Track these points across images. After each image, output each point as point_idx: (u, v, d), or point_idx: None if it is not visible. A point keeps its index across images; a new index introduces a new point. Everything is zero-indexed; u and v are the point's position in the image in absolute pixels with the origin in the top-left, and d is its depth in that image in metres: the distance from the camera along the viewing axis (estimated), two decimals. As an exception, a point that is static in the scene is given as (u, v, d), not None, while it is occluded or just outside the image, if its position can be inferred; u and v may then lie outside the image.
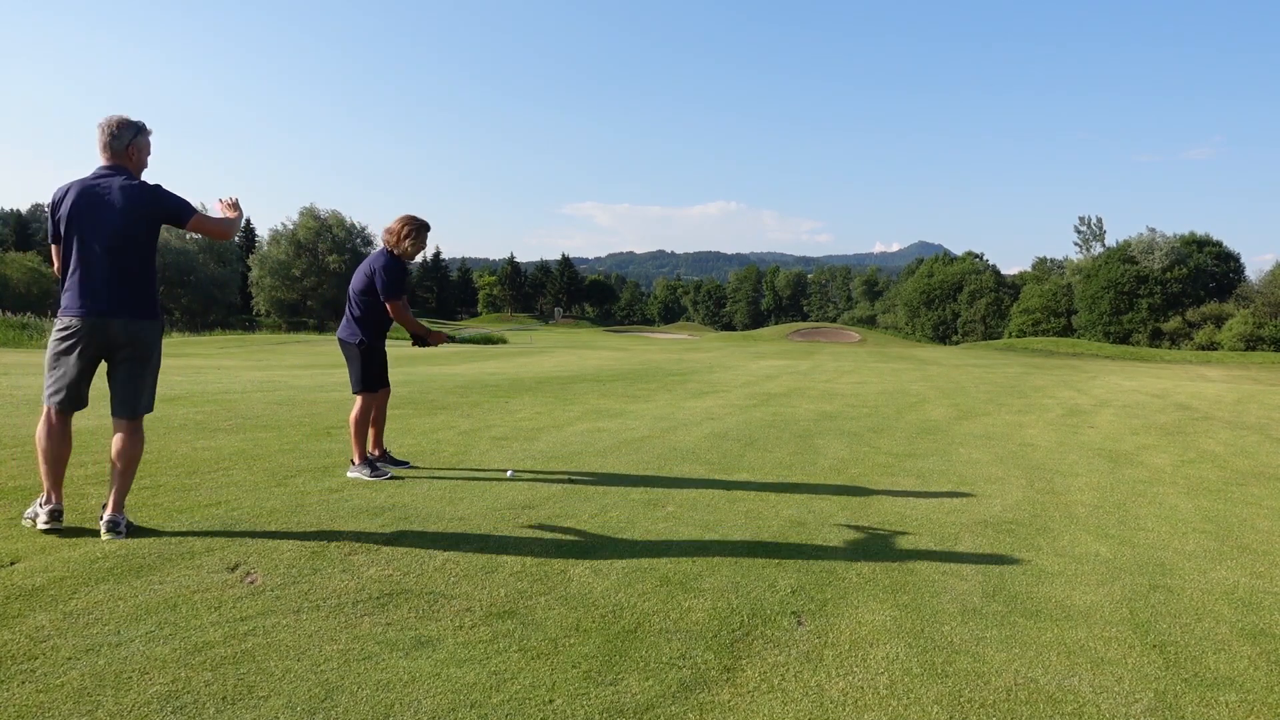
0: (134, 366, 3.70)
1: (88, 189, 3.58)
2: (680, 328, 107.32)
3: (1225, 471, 6.42)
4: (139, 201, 3.62)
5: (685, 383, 13.12)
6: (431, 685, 2.38)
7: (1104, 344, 50.74)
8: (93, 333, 3.57)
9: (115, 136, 3.65)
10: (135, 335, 3.64)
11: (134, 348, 3.66)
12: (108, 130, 3.65)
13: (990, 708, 2.40)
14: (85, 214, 3.55)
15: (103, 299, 3.55)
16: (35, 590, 2.93)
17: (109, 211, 3.55)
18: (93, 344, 3.60)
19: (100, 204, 3.56)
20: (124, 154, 3.68)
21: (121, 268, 3.59)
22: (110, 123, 3.66)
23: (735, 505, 4.66)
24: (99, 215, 3.55)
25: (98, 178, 3.62)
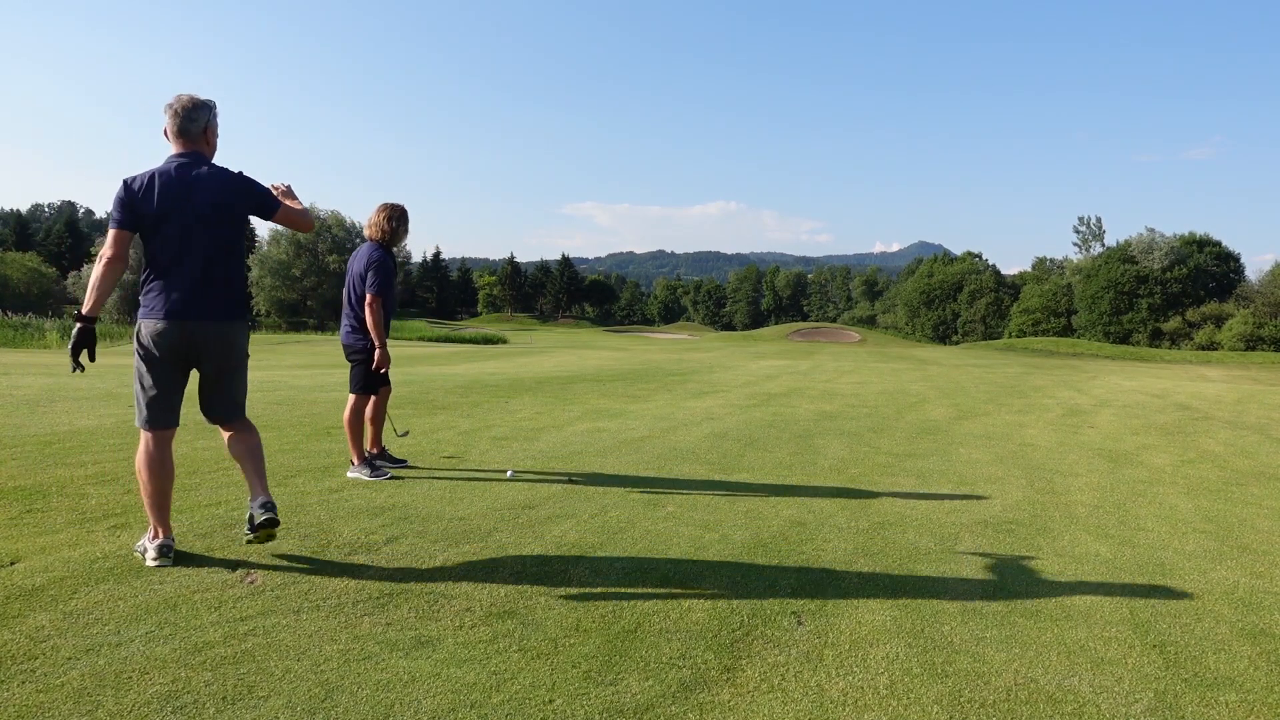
0: (228, 371, 3.35)
1: (175, 180, 3.18)
2: (680, 328, 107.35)
3: (1225, 471, 6.42)
4: (230, 192, 3.28)
5: (685, 383, 13.12)
6: (431, 685, 2.38)
7: (1104, 344, 50.75)
8: (183, 337, 3.20)
9: (191, 119, 3.25)
10: (227, 338, 3.30)
11: (226, 352, 3.31)
12: (182, 113, 3.24)
13: (990, 708, 2.40)
14: (175, 208, 3.16)
15: (194, 300, 3.20)
16: (35, 590, 2.93)
17: (200, 204, 3.19)
18: (178, 349, 3.22)
19: (191, 196, 3.18)
20: (202, 138, 3.30)
21: (213, 265, 3.24)
22: (183, 104, 3.25)
23: (735, 505, 4.66)
24: (190, 209, 3.18)
25: (182, 167, 3.21)
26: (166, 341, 3.19)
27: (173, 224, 3.17)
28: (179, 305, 3.19)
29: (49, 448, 5.39)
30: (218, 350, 3.30)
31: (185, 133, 3.25)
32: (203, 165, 3.26)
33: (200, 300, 3.22)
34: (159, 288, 3.20)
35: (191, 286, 3.20)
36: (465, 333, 53.81)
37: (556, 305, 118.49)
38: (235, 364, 3.37)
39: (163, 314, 3.18)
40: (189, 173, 3.21)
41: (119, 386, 9.56)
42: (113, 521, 3.78)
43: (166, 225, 3.17)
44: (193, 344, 3.23)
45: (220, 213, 3.25)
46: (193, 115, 3.25)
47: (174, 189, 3.17)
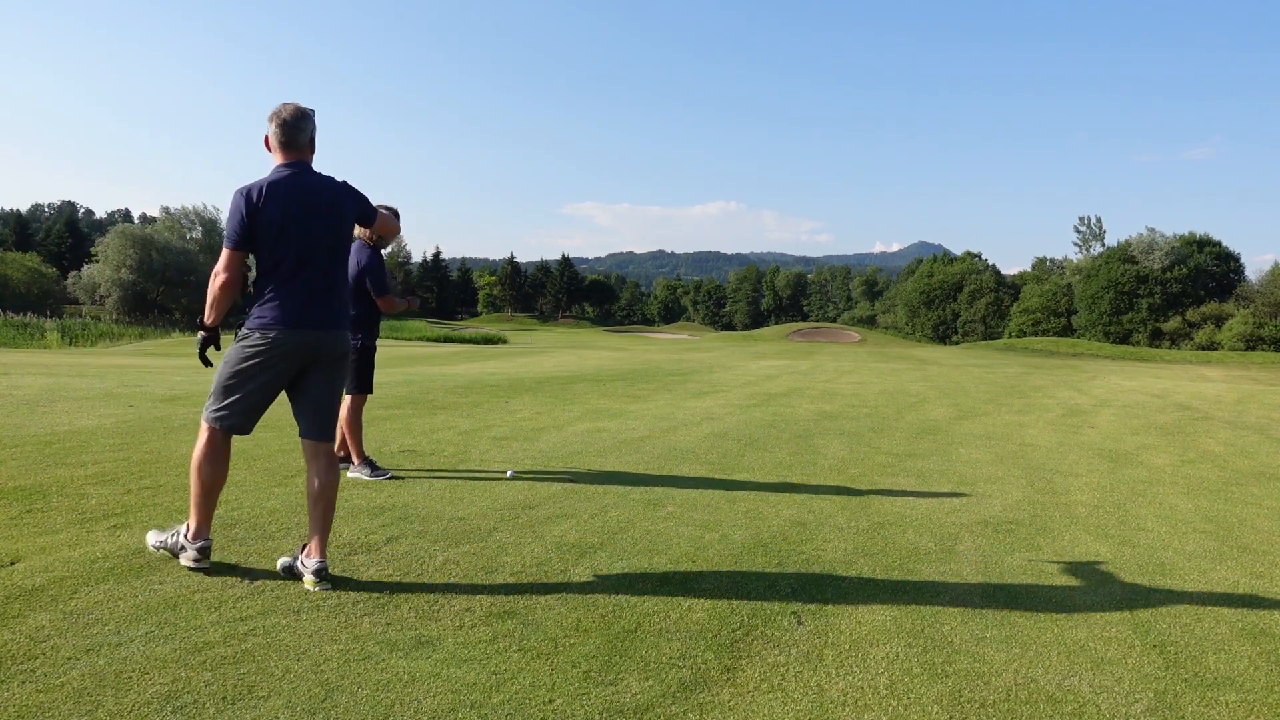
0: (333, 381, 3.30)
1: (292, 189, 3.13)
2: (680, 328, 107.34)
3: (1225, 471, 6.42)
4: (344, 202, 3.26)
5: (685, 383, 13.12)
6: (431, 685, 2.38)
7: (1104, 344, 50.75)
8: (296, 347, 3.14)
9: (299, 129, 3.18)
10: (336, 347, 3.26)
11: (334, 361, 3.28)
12: (292, 122, 3.16)
13: (990, 708, 2.40)
14: (294, 217, 3.10)
15: (313, 309, 3.16)
16: (35, 590, 2.92)
17: (320, 214, 3.16)
18: (293, 360, 3.17)
19: (312, 206, 3.15)
20: (308, 147, 3.23)
21: (329, 274, 3.22)
22: (291, 113, 3.17)
23: (735, 505, 4.66)
24: (312, 219, 3.14)
25: (295, 176, 3.16)
26: (283, 351, 3.13)
27: (292, 234, 3.11)
28: (300, 315, 3.14)
29: (49, 448, 5.39)
30: (329, 360, 3.26)
31: (294, 143, 3.19)
32: (313, 174, 3.23)
33: (320, 309, 3.19)
34: (279, 297, 3.13)
35: (311, 296, 3.16)
36: (465, 333, 53.82)
37: (556, 305, 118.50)
38: (340, 374, 3.34)
39: (285, 324, 3.11)
40: (304, 181, 3.18)
41: (119, 386, 9.56)
42: (113, 521, 3.78)
43: (286, 235, 3.11)
44: (310, 354, 3.19)
45: (333, 221, 3.23)
46: (300, 125, 3.19)
47: (292, 198, 3.12)
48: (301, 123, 3.20)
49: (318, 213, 3.17)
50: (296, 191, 3.14)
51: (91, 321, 43.97)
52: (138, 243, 59.37)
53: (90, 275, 59.93)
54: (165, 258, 59.91)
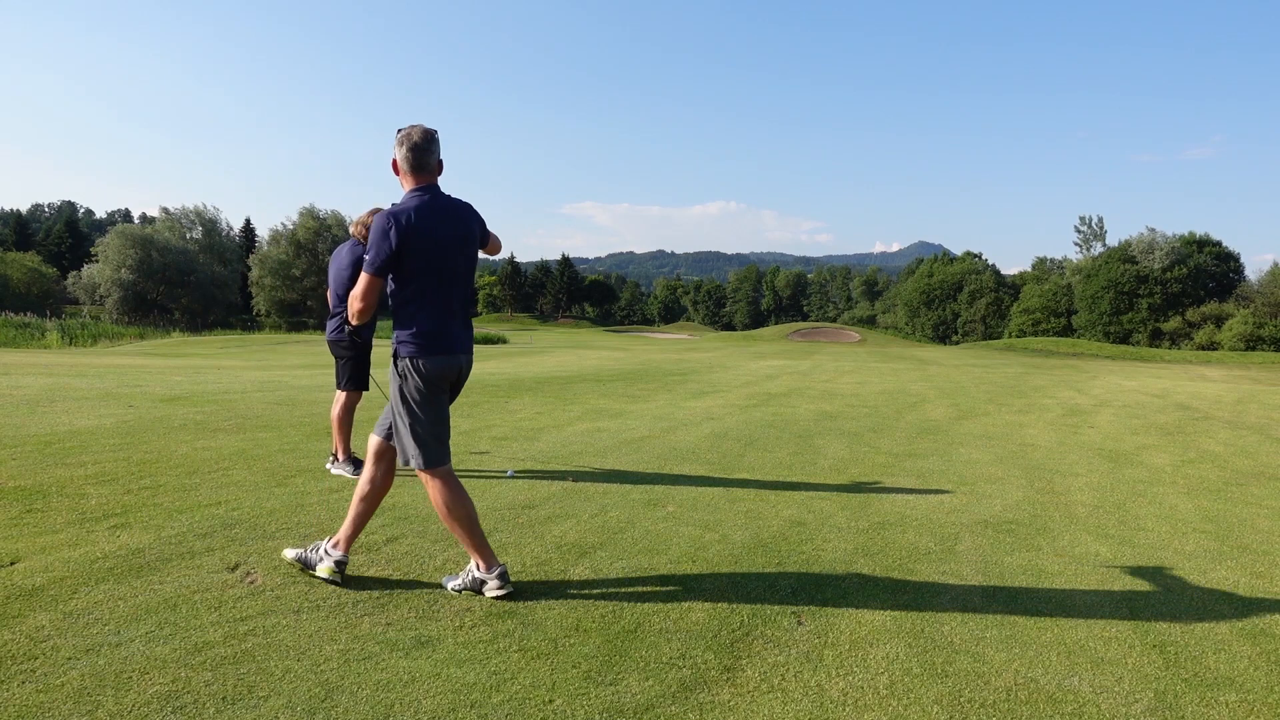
0: (454, 398, 3.33)
1: (438, 216, 3.10)
2: (680, 328, 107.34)
3: (1225, 471, 6.42)
4: (478, 226, 3.27)
5: (685, 383, 13.12)
6: (431, 685, 2.38)
7: (1104, 344, 50.74)
8: (450, 371, 3.17)
9: (429, 152, 3.13)
10: (469, 368, 3.30)
11: (463, 382, 3.33)
12: (423, 145, 3.11)
13: (990, 708, 2.40)
14: (442, 244, 3.09)
15: (459, 334, 3.20)
16: (35, 590, 2.93)
17: (459, 239, 3.15)
18: (447, 382, 3.20)
19: (457, 233, 3.14)
20: (437, 170, 3.19)
21: (467, 299, 3.24)
22: (422, 136, 3.12)
23: (735, 505, 4.66)
24: (451, 245, 3.13)
25: (435, 200, 3.13)
26: (442, 376, 3.14)
27: (436, 260, 3.09)
28: (451, 340, 3.15)
29: (49, 448, 5.39)
30: (460, 381, 3.29)
31: (425, 166, 3.14)
32: (447, 198, 3.19)
33: (464, 333, 3.23)
34: (429, 323, 3.11)
35: (455, 320, 3.18)
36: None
37: (556, 305, 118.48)
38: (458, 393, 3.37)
39: (440, 349, 3.11)
40: (442, 205, 3.14)
41: (119, 386, 9.56)
42: (113, 521, 3.78)
43: (431, 262, 3.08)
44: (455, 377, 3.23)
45: (470, 245, 3.23)
46: (430, 148, 3.14)
47: (436, 224, 3.09)
48: (432, 146, 3.15)
49: (457, 238, 3.15)
50: (439, 217, 3.11)
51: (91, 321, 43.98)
52: (138, 243, 59.40)
53: (90, 275, 59.96)
54: (165, 258, 59.92)
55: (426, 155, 3.13)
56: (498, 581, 3.11)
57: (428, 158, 3.13)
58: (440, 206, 3.13)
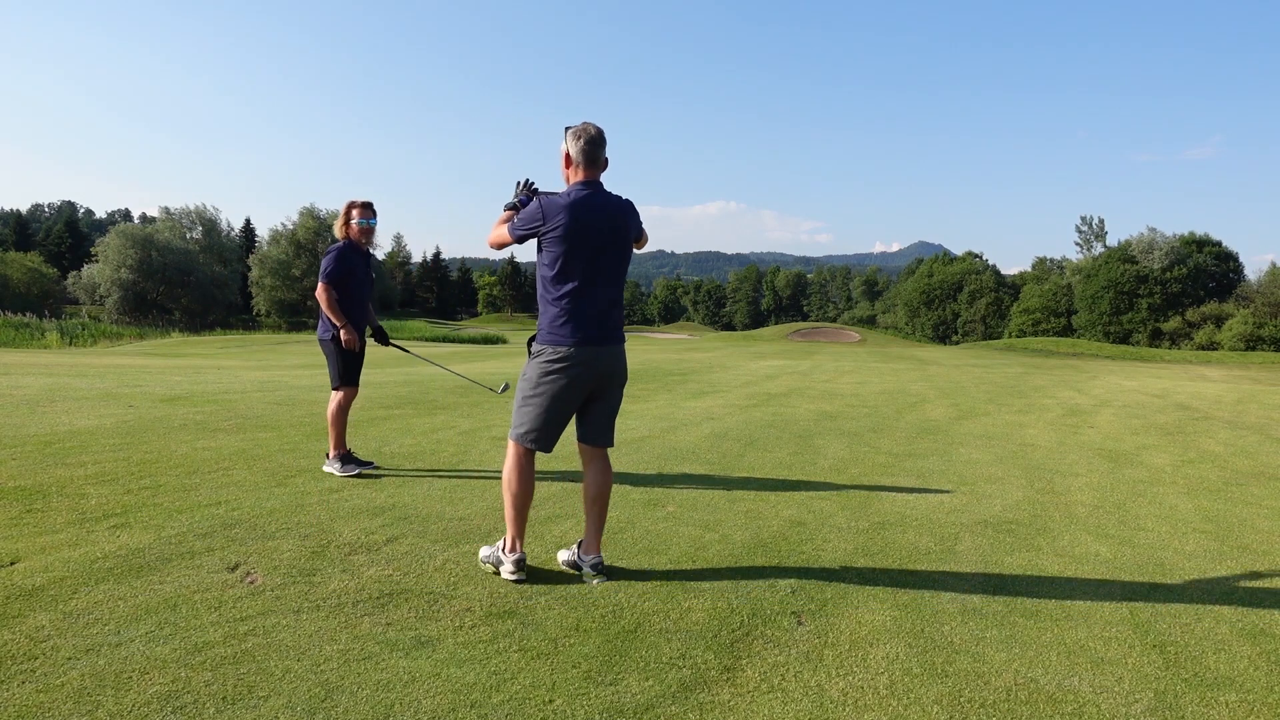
0: (617, 394, 3.43)
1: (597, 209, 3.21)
2: (680, 328, 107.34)
3: (1225, 471, 6.42)
4: (632, 221, 3.34)
5: (685, 383, 13.12)
6: (431, 685, 2.38)
7: (1104, 344, 50.74)
8: (591, 363, 3.24)
9: (601, 147, 3.25)
10: (622, 361, 3.39)
11: (619, 375, 3.39)
12: (598, 141, 3.24)
13: (990, 708, 2.40)
14: (597, 237, 3.20)
15: (606, 327, 3.27)
16: (35, 590, 2.93)
17: (615, 234, 3.25)
18: (588, 375, 3.25)
19: (610, 227, 3.23)
20: (604, 166, 3.31)
21: (618, 293, 3.34)
22: (595, 132, 3.24)
23: (735, 505, 4.66)
24: (608, 239, 3.23)
25: (596, 195, 3.24)
26: (580, 367, 3.22)
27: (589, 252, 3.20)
28: (595, 333, 3.23)
29: (49, 448, 5.39)
30: (614, 374, 3.36)
31: (597, 161, 3.26)
32: (609, 194, 3.30)
33: (612, 327, 3.31)
34: (574, 315, 3.21)
35: (603, 314, 3.26)
36: (465, 332, 53.82)
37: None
38: (622, 387, 3.45)
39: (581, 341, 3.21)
40: (603, 201, 3.25)
41: (119, 386, 9.56)
42: (113, 521, 3.78)
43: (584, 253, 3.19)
44: (604, 369, 3.29)
45: (624, 241, 3.32)
46: (602, 144, 3.27)
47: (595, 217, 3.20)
48: (604, 142, 3.27)
49: (614, 233, 3.25)
50: (598, 211, 3.21)
51: (91, 321, 43.99)
52: (138, 243, 59.40)
53: (90, 275, 59.97)
54: (165, 258, 59.93)
55: (599, 151, 3.25)
56: (512, 566, 3.26)
57: (599, 153, 3.26)
58: (601, 203, 3.24)
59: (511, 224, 3.29)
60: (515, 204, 3.47)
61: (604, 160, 3.29)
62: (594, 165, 3.25)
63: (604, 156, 3.29)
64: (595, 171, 3.27)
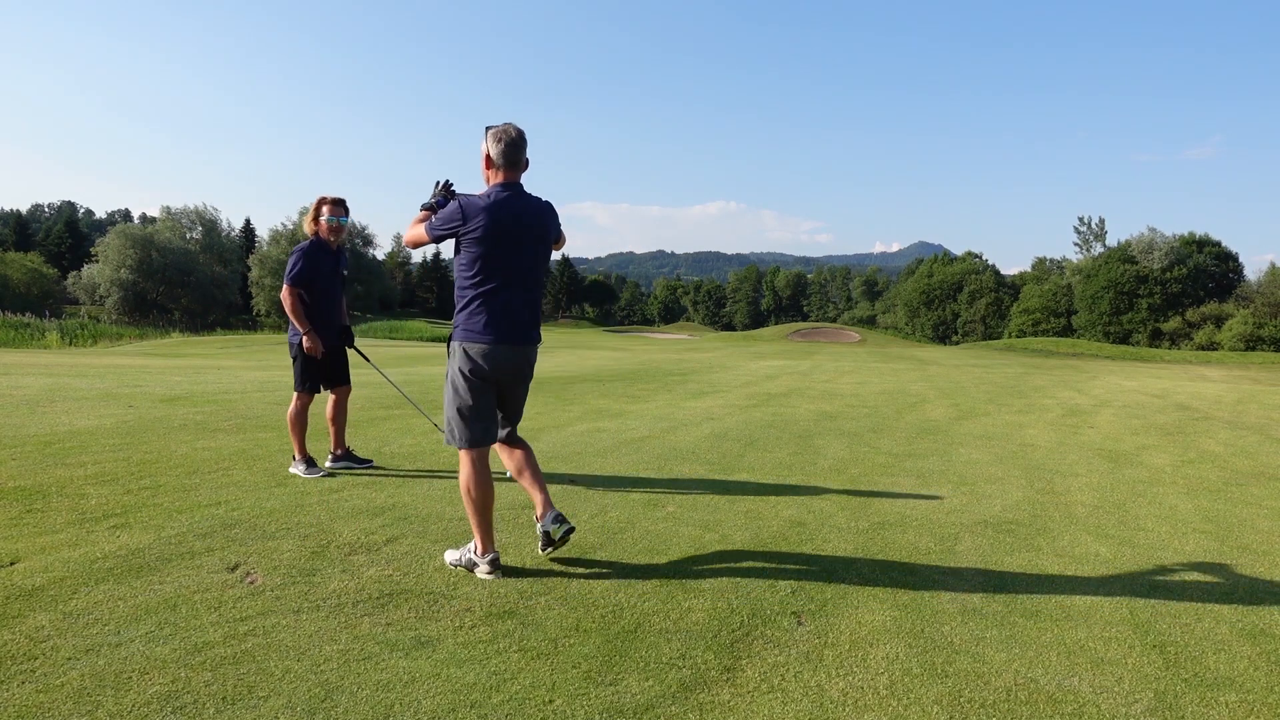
0: (524, 391, 3.55)
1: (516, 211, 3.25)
2: (680, 328, 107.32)
3: (1225, 472, 6.42)
4: (551, 222, 3.40)
5: (685, 383, 13.12)
6: (431, 685, 2.38)
7: (1104, 344, 50.75)
8: (506, 358, 3.32)
9: (521, 149, 3.29)
10: (532, 361, 3.47)
11: (528, 373, 3.49)
12: (519, 143, 3.27)
13: (990, 708, 2.40)
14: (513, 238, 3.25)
15: (523, 325, 3.35)
16: (35, 590, 2.93)
17: (532, 236, 3.30)
18: (503, 369, 3.34)
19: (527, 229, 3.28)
20: (524, 168, 3.35)
21: (538, 294, 3.42)
22: (515, 134, 3.26)
23: (735, 505, 4.66)
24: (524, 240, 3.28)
25: (516, 198, 3.28)
26: (496, 361, 3.29)
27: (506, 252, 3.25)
28: (509, 331, 3.29)
29: (49, 448, 5.39)
30: (527, 370, 3.47)
31: (519, 163, 3.30)
32: (529, 196, 3.34)
33: (529, 325, 3.38)
34: (488, 313, 3.27)
35: (516, 312, 3.32)
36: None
37: (556, 305, 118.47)
38: (529, 380, 3.56)
39: (496, 339, 3.27)
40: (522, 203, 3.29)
41: (119, 386, 9.56)
42: (113, 521, 3.78)
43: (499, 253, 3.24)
44: (521, 367, 3.40)
45: (543, 244, 3.38)
46: (523, 146, 3.29)
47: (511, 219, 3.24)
48: (524, 143, 3.30)
49: (533, 235, 3.30)
50: (518, 213, 3.26)
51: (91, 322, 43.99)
52: (138, 243, 59.38)
53: (90, 275, 59.95)
54: (165, 258, 59.90)
55: (519, 152, 3.28)
56: (488, 566, 3.29)
57: (519, 155, 3.29)
58: (520, 205, 3.27)
59: (429, 224, 3.33)
60: (432, 204, 3.49)
61: (525, 162, 3.32)
62: (514, 167, 3.28)
63: (525, 158, 3.32)
64: (515, 173, 3.29)
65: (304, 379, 5.06)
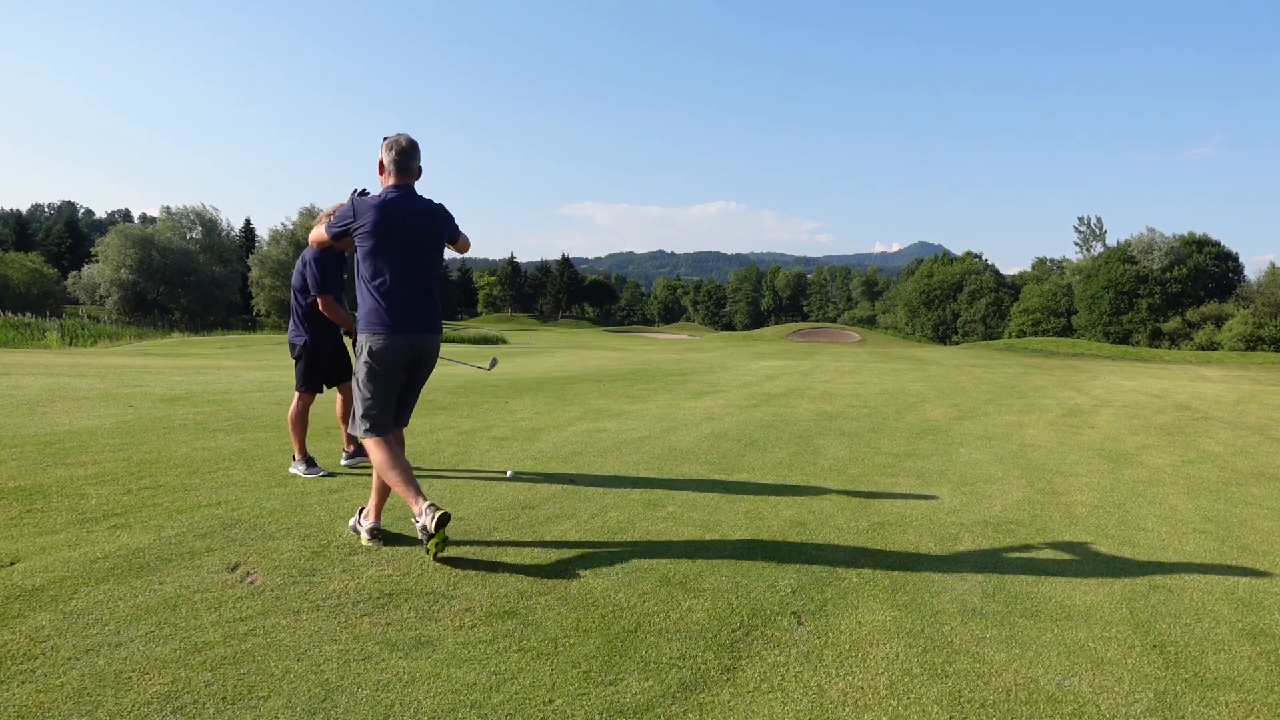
0: (422, 380, 3.78)
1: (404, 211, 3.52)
2: (680, 328, 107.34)
3: (1225, 471, 6.42)
4: (442, 222, 3.66)
5: (685, 383, 13.12)
6: (431, 685, 2.38)
7: (1104, 344, 50.75)
8: (403, 349, 3.56)
9: (412, 157, 3.59)
10: (433, 350, 3.70)
11: (429, 362, 3.72)
12: (409, 152, 3.57)
13: (990, 708, 2.40)
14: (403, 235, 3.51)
15: (420, 315, 3.57)
16: (35, 590, 2.93)
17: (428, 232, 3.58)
18: (407, 360, 3.60)
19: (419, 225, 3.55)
20: (417, 174, 3.64)
21: (431, 286, 3.63)
22: (406, 143, 3.57)
23: (735, 505, 4.66)
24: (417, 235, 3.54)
25: (405, 199, 3.55)
26: (393, 351, 3.53)
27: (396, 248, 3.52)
28: (403, 322, 3.53)
29: (49, 448, 5.39)
30: (426, 361, 3.70)
31: (407, 169, 3.60)
32: (419, 198, 3.61)
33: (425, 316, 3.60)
34: (384, 305, 3.52)
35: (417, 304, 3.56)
36: (465, 333, 53.83)
37: (556, 305, 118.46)
38: (428, 373, 3.79)
39: (392, 329, 3.52)
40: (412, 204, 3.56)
41: (119, 386, 9.56)
42: (113, 521, 3.78)
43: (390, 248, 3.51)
44: (420, 356, 3.63)
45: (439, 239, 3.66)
46: (413, 154, 3.60)
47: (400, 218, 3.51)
48: (415, 152, 3.61)
49: (421, 231, 3.57)
50: (405, 211, 3.53)
51: (91, 321, 43.99)
52: (138, 243, 59.39)
53: (90, 275, 59.96)
54: (165, 258, 59.91)
55: (409, 160, 3.59)
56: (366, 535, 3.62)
57: (410, 162, 3.59)
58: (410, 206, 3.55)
59: (329, 223, 3.68)
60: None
61: (416, 169, 3.62)
62: (405, 173, 3.58)
63: (415, 165, 3.61)
64: (407, 178, 3.59)
65: (306, 379, 5.07)
